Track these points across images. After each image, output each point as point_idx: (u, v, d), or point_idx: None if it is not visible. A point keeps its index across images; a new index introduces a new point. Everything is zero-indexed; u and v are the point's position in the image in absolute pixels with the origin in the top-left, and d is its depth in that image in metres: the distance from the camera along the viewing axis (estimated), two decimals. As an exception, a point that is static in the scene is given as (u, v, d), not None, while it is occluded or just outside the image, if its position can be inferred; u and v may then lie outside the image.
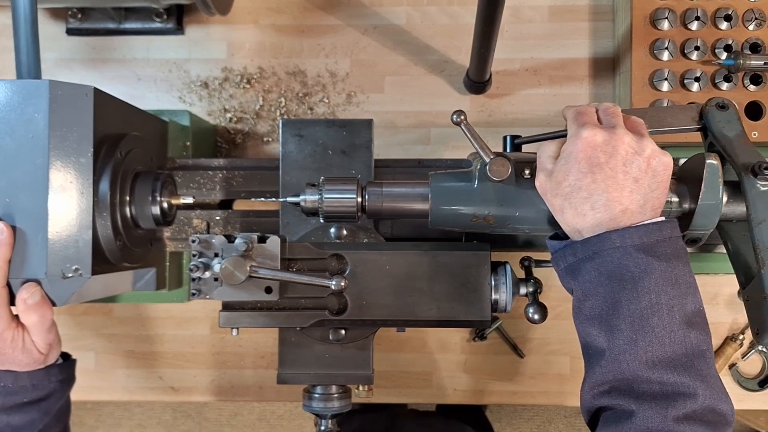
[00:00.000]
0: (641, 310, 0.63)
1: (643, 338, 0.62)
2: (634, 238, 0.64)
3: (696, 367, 0.63)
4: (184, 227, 0.98)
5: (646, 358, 0.62)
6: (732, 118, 0.78)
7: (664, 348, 0.62)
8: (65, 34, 1.20)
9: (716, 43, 1.05)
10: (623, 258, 0.64)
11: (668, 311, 0.63)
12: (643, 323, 0.63)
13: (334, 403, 0.89)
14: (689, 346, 0.63)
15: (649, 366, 0.62)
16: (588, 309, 0.67)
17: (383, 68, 1.19)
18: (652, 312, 0.63)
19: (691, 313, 0.64)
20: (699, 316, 0.65)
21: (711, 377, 0.63)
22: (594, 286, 0.66)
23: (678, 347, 0.63)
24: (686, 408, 0.60)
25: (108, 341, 1.17)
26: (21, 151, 0.72)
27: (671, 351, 0.62)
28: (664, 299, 0.63)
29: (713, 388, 0.63)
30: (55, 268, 0.73)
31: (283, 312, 0.84)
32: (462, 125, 0.74)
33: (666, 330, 0.62)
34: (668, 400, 0.61)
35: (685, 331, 0.63)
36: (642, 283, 0.63)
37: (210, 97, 1.20)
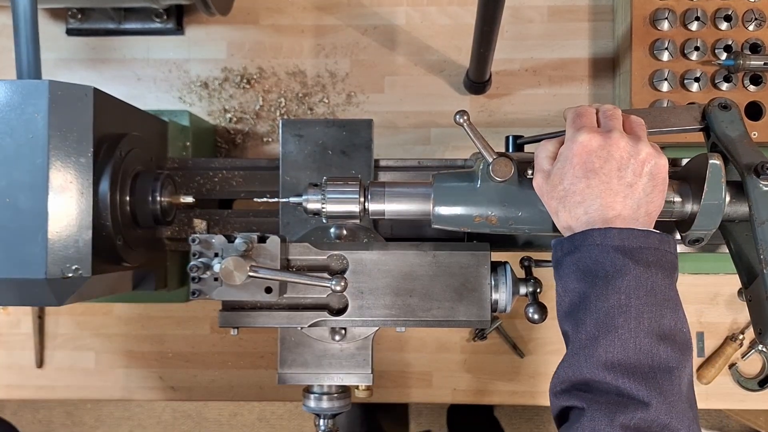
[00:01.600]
0: (608, 308, 0.62)
1: (605, 337, 0.61)
2: (615, 238, 0.64)
3: (658, 381, 0.60)
4: (184, 227, 0.98)
5: (606, 359, 0.60)
6: (735, 119, 0.78)
7: (626, 352, 0.60)
8: (65, 34, 1.20)
9: (716, 43, 1.05)
10: (600, 255, 0.63)
11: (636, 316, 0.61)
12: (607, 322, 0.61)
13: (334, 403, 0.89)
14: (656, 359, 0.60)
15: (606, 367, 0.60)
16: (565, 304, 0.67)
17: (383, 68, 1.18)
18: (619, 312, 0.61)
19: (668, 329, 0.62)
20: (677, 335, 0.63)
21: (673, 395, 0.60)
22: (571, 281, 0.66)
23: (642, 356, 0.60)
24: (636, 417, 0.58)
25: (108, 341, 1.17)
26: (21, 151, 0.72)
27: (634, 358, 0.60)
28: (634, 302, 0.61)
29: (673, 406, 0.60)
30: (55, 267, 0.73)
31: (283, 312, 0.84)
32: (465, 125, 0.74)
33: (631, 334, 0.60)
34: (620, 405, 0.59)
35: (653, 343, 0.61)
36: (614, 282, 0.62)
37: (210, 97, 1.20)
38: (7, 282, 0.73)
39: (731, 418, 2.21)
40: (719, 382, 1.13)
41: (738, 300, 1.13)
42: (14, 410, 2.41)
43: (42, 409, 2.40)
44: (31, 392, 1.18)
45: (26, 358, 1.17)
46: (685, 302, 1.11)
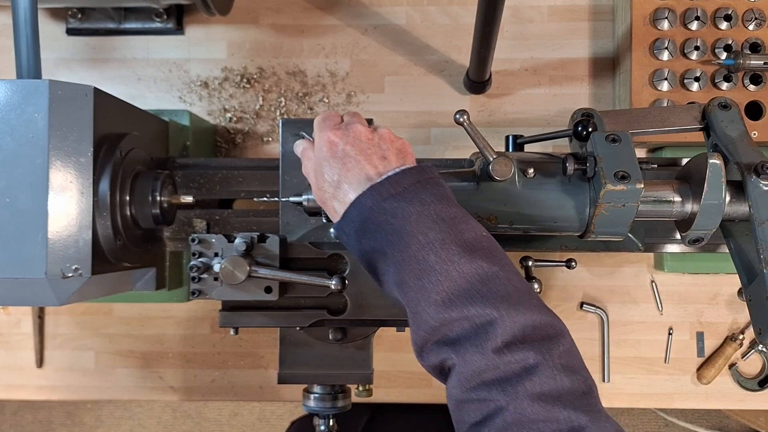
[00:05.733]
0: (414, 254, 0.61)
1: (428, 279, 0.60)
2: (383, 192, 0.64)
3: (493, 290, 0.59)
4: (183, 227, 0.98)
5: (440, 298, 0.59)
6: (735, 118, 0.78)
7: (453, 281, 0.59)
8: (65, 34, 1.20)
9: (716, 42, 1.05)
10: (378, 215, 0.64)
11: (442, 245, 0.60)
12: (422, 266, 0.60)
13: (334, 402, 0.89)
14: (481, 272, 0.60)
15: (446, 304, 0.59)
16: (383, 278, 0.66)
17: (383, 68, 1.18)
18: (427, 251, 0.60)
19: (473, 240, 0.62)
20: (483, 241, 0.63)
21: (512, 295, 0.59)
22: (373, 254, 0.65)
23: (469, 276, 0.59)
24: (497, 335, 0.57)
25: (108, 341, 1.17)
26: (21, 150, 0.72)
27: (463, 282, 0.59)
28: (432, 236, 0.61)
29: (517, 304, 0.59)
30: (55, 267, 0.73)
31: (282, 312, 0.84)
32: (465, 125, 0.74)
33: (448, 263, 0.60)
34: (479, 333, 0.58)
35: (469, 259, 0.60)
36: (405, 230, 0.62)
37: (210, 96, 1.20)
38: (7, 282, 0.73)
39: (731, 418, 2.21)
40: (719, 382, 1.13)
41: (738, 300, 1.13)
42: (14, 410, 2.41)
43: (42, 409, 2.40)
44: (31, 392, 1.18)
45: (26, 358, 1.17)
46: (686, 302, 1.13)
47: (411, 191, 0.64)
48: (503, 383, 0.57)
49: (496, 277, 0.60)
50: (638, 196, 0.72)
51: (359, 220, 0.65)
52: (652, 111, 0.83)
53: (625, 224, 0.75)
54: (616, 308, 1.15)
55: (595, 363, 1.14)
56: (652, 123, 0.81)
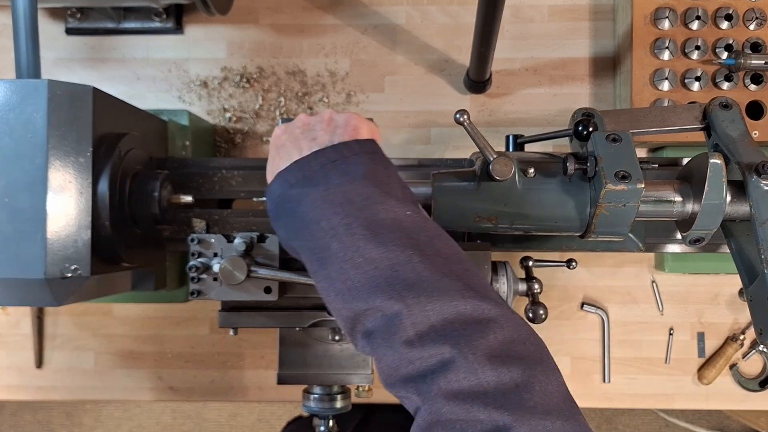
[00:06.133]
0: (318, 242, 0.57)
1: (333, 268, 0.56)
2: (290, 178, 0.61)
3: (402, 277, 0.54)
4: (183, 227, 0.98)
5: (345, 287, 0.56)
6: (735, 118, 0.78)
7: (358, 269, 0.55)
8: (64, 33, 1.20)
9: (717, 42, 1.05)
10: (287, 203, 0.61)
11: (347, 230, 0.56)
12: (326, 254, 0.57)
13: (334, 403, 0.89)
14: (391, 256, 0.55)
15: (352, 294, 0.55)
16: (308, 268, 0.62)
17: (383, 68, 1.18)
18: (330, 238, 0.57)
19: (388, 221, 0.57)
20: (404, 222, 0.58)
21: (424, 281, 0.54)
22: (288, 243, 0.63)
23: (377, 262, 0.55)
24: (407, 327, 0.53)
25: (108, 341, 1.17)
26: (20, 150, 0.72)
27: (370, 268, 0.55)
28: (336, 221, 0.57)
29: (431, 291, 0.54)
30: (54, 267, 0.73)
31: (282, 312, 0.84)
32: (465, 124, 0.73)
33: (352, 250, 0.55)
34: (389, 326, 0.54)
35: (377, 244, 0.55)
36: (308, 217, 0.58)
37: (209, 96, 1.20)
38: (6, 282, 0.73)
39: (732, 419, 2.21)
40: (720, 383, 1.13)
41: (739, 300, 1.13)
42: (14, 411, 2.41)
43: (41, 410, 2.40)
44: (30, 393, 1.18)
45: (25, 358, 1.17)
46: (686, 302, 1.13)
47: (319, 173, 0.60)
48: (417, 380, 0.52)
49: (410, 262, 0.55)
50: (639, 196, 0.71)
51: (272, 209, 0.63)
52: (652, 111, 0.82)
53: (626, 224, 0.75)
54: (617, 308, 1.15)
55: (596, 363, 1.14)
56: (653, 123, 0.81)
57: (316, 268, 0.59)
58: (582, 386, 1.14)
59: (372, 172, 0.61)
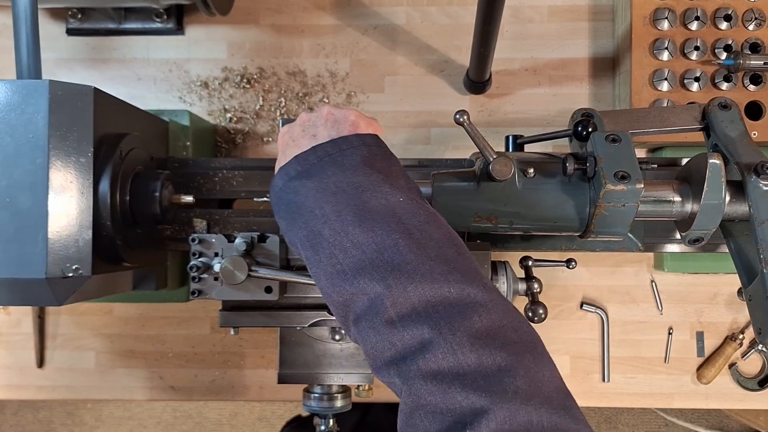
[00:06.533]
0: (312, 229, 0.60)
1: (324, 253, 0.58)
2: (290, 171, 0.64)
3: (387, 260, 0.55)
4: (184, 227, 0.98)
5: (334, 271, 0.57)
6: (735, 118, 0.78)
7: (346, 253, 0.57)
8: (65, 34, 1.20)
9: (716, 42, 1.05)
10: (284, 194, 0.63)
11: (337, 217, 0.58)
12: (318, 240, 0.59)
13: (334, 402, 0.89)
14: (377, 240, 0.56)
15: (341, 277, 0.57)
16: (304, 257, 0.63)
17: (383, 68, 1.18)
18: (322, 225, 0.59)
19: (378, 208, 0.58)
20: (396, 208, 0.59)
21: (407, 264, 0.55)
22: (288, 235, 0.65)
23: (364, 246, 0.56)
24: (388, 308, 0.54)
25: (108, 341, 1.17)
26: (21, 150, 0.72)
27: (357, 252, 0.56)
28: (328, 209, 0.59)
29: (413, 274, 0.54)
30: (55, 267, 0.73)
31: (283, 312, 0.84)
32: (465, 125, 0.74)
33: (341, 234, 0.57)
34: (372, 308, 0.55)
35: (364, 229, 0.57)
36: (304, 206, 0.61)
37: (210, 97, 1.20)
38: (7, 282, 0.73)
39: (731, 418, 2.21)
40: (719, 382, 1.13)
41: (738, 299, 1.13)
42: (15, 410, 2.41)
43: (42, 409, 2.40)
44: (31, 392, 1.18)
45: (26, 358, 1.17)
46: (685, 302, 1.13)
47: (316, 167, 0.62)
48: (399, 362, 0.53)
49: (395, 246, 0.56)
50: (638, 196, 0.72)
51: (275, 202, 0.65)
52: (652, 111, 0.83)
53: (625, 224, 0.75)
54: (616, 308, 1.15)
55: (595, 363, 1.14)
56: (652, 123, 0.81)
57: (310, 254, 0.61)
58: (581, 385, 1.14)
59: (368, 163, 0.62)
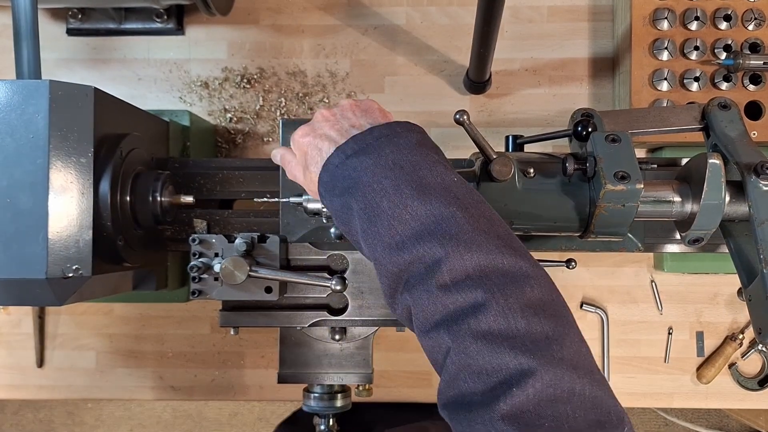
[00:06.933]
0: (370, 202, 0.61)
1: (382, 224, 0.59)
2: (346, 151, 0.64)
3: (444, 229, 0.57)
4: (184, 227, 0.98)
5: (393, 241, 0.59)
6: (734, 118, 0.78)
7: (405, 224, 0.58)
8: (65, 34, 1.20)
9: (716, 42, 1.05)
10: (343, 170, 0.64)
11: (395, 191, 0.59)
12: (376, 212, 0.60)
13: (335, 402, 0.89)
14: (435, 212, 0.58)
15: (399, 247, 0.58)
16: (356, 237, 0.65)
17: (383, 68, 1.19)
18: (380, 197, 0.60)
19: (434, 184, 0.60)
20: (450, 186, 0.61)
21: (465, 233, 0.57)
22: (342, 211, 0.65)
23: (422, 217, 0.58)
24: (444, 272, 0.55)
25: (108, 341, 1.17)
26: (21, 151, 0.72)
27: (416, 224, 0.58)
28: (387, 183, 0.60)
29: (470, 243, 0.56)
30: (55, 267, 0.73)
31: (283, 312, 0.84)
32: (465, 125, 0.74)
33: (400, 206, 0.59)
34: (428, 272, 0.56)
35: (422, 201, 0.58)
36: (361, 181, 0.62)
37: (210, 97, 1.20)
38: (8, 282, 0.73)
39: (731, 418, 2.21)
40: (719, 382, 1.13)
41: (738, 299, 1.13)
42: (15, 410, 2.41)
43: (43, 409, 2.40)
44: (31, 392, 1.18)
45: (27, 358, 1.17)
46: (685, 302, 1.13)
47: (373, 146, 0.64)
48: (449, 322, 0.55)
49: (453, 217, 0.58)
50: (638, 196, 0.72)
51: (328, 180, 0.66)
52: (651, 111, 0.83)
53: (625, 224, 0.75)
54: (616, 308, 1.15)
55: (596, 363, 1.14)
56: (652, 123, 0.81)
57: (366, 226, 0.62)
58: (581, 385, 1.14)
59: (422, 145, 0.64)
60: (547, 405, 0.49)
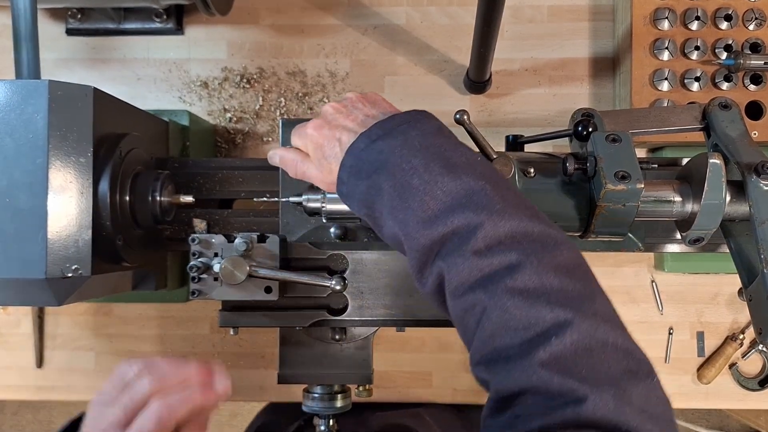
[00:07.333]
0: (400, 180, 0.62)
1: (414, 200, 0.61)
2: (371, 136, 0.66)
3: (476, 202, 0.59)
4: (184, 227, 0.98)
5: (426, 216, 0.60)
6: (735, 118, 0.78)
7: (437, 200, 0.60)
8: (65, 34, 1.20)
9: (716, 42, 1.05)
10: (369, 154, 0.65)
11: (425, 169, 0.61)
12: (407, 189, 0.61)
13: (335, 402, 0.89)
14: (466, 187, 0.60)
15: (432, 221, 0.60)
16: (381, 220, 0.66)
17: (383, 68, 1.18)
18: (411, 175, 0.61)
19: (461, 162, 0.62)
20: (474, 164, 0.63)
21: (496, 204, 0.59)
22: (368, 194, 0.65)
23: (454, 192, 0.60)
24: (479, 239, 0.57)
25: (108, 341, 1.17)
26: (21, 151, 0.72)
27: (448, 198, 0.60)
28: (416, 162, 0.62)
29: (503, 212, 0.58)
30: (55, 267, 0.73)
31: (283, 312, 0.84)
32: (465, 124, 0.74)
33: (431, 183, 0.60)
34: (462, 240, 0.58)
35: (452, 177, 0.60)
36: (390, 161, 0.63)
37: (210, 97, 1.20)
38: (7, 282, 0.73)
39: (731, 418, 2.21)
40: (719, 382, 1.13)
41: (738, 299, 1.13)
42: (14, 410, 2.41)
43: (42, 409, 2.40)
44: (31, 392, 1.18)
45: (26, 358, 1.17)
46: (686, 302, 1.13)
47: (398, 130, 0.65)
48: (485, 282, 0.57)
49: (483, 190, 0.60)
50: (638, 196, 0.72)
51: (354, 163, 0.66)
52: (652, 111, 0.82)
53: (626, 224, 0.75)
54: (616, 308, 1.14)
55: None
56: (653, 123, 0.81)
57: (397, 203, 0.63)
58: (582, 386, 1.14)
59: (442, 131, 0.66)
60: (583, 353, 0.52)
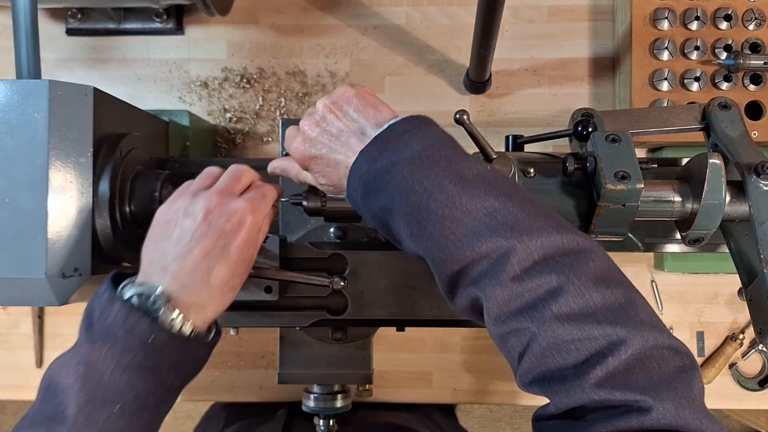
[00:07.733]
0: (415, 205, 0.60)
1: (434, 227, 0.59)
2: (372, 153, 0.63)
3: (501, 221, 0.57)
4: (184, 227, 0.98)
5: (449, 242, 0.59)
6: (735, 118, 0.78)
7: (458, 223, 0.58)
8: (65, 34, 1.20)
9: (716, 42, 1.05)
10: (376, 176, 0.62)
11: (439, 189, 0.59)
12: (425, 215, 0.59)
13: (334, 402, 0.89)
14: (486, 205, 0.58)
15: (457, 246, 0.58)
16: (398, 237, 0.64)
17: (383, 68, 1.18)
18: (426, 199, 0.59)
19: (472, 177, 0.60)
20: (487, 175, 0.61)
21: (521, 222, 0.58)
22: (383, 214, 0.64)
23: (474, 213, 0.58)
24: (514, 264, 0.56)
25: (108, 341, 1.17)
26: (21, 151, 0.72)
27: (469, 220, 0.58)
28: (428, 183, 0.59)
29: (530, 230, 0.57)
30: (54, 267, 0.73)
31: (283, 312, 0.84)
32: (465, 125, 0.74)
33: (449, 206, 0.58)
34: (496, 266, 0.57)
35: (469, 197, 0.58)
36: (401, 183, 0.60)
37: (210, 97, 1.20)
38: (8, 282, 0.73)
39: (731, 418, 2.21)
40: (719, 382, 1.13)
41: (738, 299, 1.13)
42: (15, 410, 2.41)
43: (42, 410, 2.40)
44: (31, 392, 1.17)
45: (26, 358, 1.17)
46: (686, 302, 1.13)
47: (399, 143, 0.62)
48: (529, 310, 0.56)
49: (504, 207, 0.58)
50: (638, 196, 0.72)
51: (360, 186, 0.64)
52: (652, 111, 0.82)
53: (625, 224, 0.75)
54: (616, 308, 1.15)
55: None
56: (652, 123, 0.81)
57: (416, 230, 0.61)
58: (582, 386, 1.14)
59: (445, 137, 0.64)
60: (637, 364, 0.53)
